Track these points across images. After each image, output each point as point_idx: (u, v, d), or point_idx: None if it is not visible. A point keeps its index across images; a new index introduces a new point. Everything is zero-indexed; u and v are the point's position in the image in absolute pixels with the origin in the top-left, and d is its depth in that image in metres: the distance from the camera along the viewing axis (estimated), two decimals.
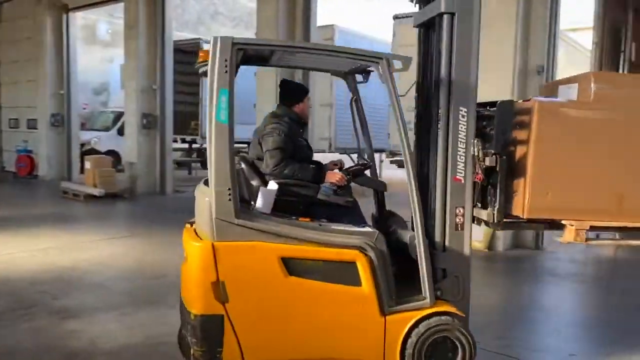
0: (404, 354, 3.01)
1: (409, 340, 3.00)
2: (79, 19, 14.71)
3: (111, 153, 13.88)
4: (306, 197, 3.39)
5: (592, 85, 3.38)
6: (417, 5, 3.57)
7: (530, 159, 3.29)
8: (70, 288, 5.11)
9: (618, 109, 3.38)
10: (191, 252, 3.01)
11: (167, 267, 5.78)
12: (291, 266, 2.94)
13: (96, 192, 10.54)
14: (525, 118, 3.32)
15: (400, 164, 11.68)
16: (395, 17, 11.00)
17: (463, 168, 3.18)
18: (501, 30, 6.87)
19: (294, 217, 3.08)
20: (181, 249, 3.22)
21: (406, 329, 3.01)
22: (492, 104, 3.44)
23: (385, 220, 3.65)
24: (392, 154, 11.39)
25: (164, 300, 4.70)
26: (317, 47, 3.41)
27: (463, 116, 3.17)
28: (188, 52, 14.79)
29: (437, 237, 3.18)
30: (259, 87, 9.50)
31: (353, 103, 3.88)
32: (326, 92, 12.29)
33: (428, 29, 3.50)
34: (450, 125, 3.15)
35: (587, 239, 3.32)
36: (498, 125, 3.32)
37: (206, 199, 2.93)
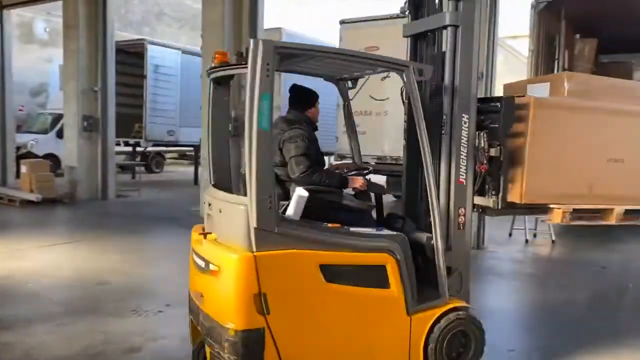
0: (427, 349, 3.13)
1: (432, 336, 3.13)
2: (14, 17, 14.07)
3: (50, 157, 13.34)
4: (332, 202, 3.34)
5: (566, 84, 3.90)
6: (409, 17, 3.77)
7: (527, 150, 3.62)
8: (4, 298, 4.87)
9: (587, 107, 3.89)
10: (228, 265, 2.78)
11: (109, 274, 5.62)
12: (328, 273, 2.89)
13: (33, 197, 10.10)
14: (523, 112, 3.59)
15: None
16: (342, 22, 11.09)
17: (465, 171, 3.36)
18: None
19: (324, 224, 3.03)
20: (126, 255, 3.13)
21: (429, 326, 3.13)
22: (493, 99, 3.69)
23: (393, 222, 3.64)
24: (341, 157, 11.46)
25: (105, 309, 4.56)
26: (354, 53, 3.39)
27: (465, 122, 3.34)
28: (131, 53, 14.46)
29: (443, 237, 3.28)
30: (206, 89, 9.37)
31: (344, 108, 4.02)
32: (276, 94, 12.22)
33: (417, 40, 3.70)
34: (453, 131, 3.31)
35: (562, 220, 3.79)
36: (503, 119, 3.53)
37: (241, 208, 2.79)
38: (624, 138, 4.07)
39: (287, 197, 3.13)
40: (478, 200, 3.66)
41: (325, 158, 16.13)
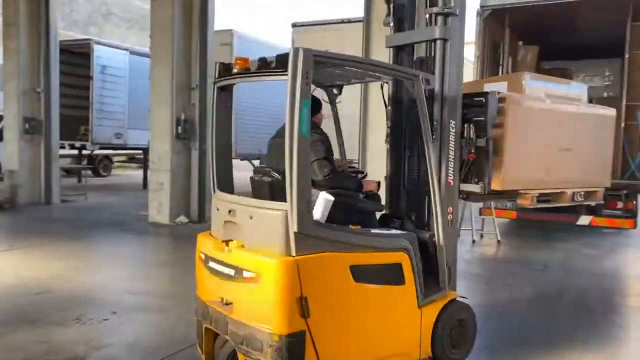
0: (434, 337, 3.41)
1: (439, 325, 3.42)
2: None
3: None
4: (350, 205, 3.43)
5: (524, 83, 4.55)
6: (391, 29, 3.99)
7: (506, 141, 4.09)
8: None
9: (544, 103, 4.51)
10: (270, 270, 2.80)
11: (51, 282, 5.41)
12: (356, 273, 3.02)
13: None
14: (501, 107, 4.02)
15: None
16: (294, 26, 11.10)
17: (452, 172, 3.59)
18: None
19: (348, 226, 3.16)
20: (70, 262, 3.03)
21: (436, 316, 3.42)
22: (478, 94, 4.04)
23: (389, 222, 3.83)
24: None
25: (46, 318, 4.39)
26: (377, 63, 3.58)
27: (452, 128, 3.59)
28: (77, 53, 14.02)
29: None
30: (154, 91, 9.19)
31: (333, 113, 4.16)
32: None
33: (399, 50, 3.93)
34: (443, 136, 3.53)
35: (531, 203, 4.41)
36: (489, 112, 3.90)
37: (279, 213, 2.83)
38: (571, 130, 4.72)
39: None
40: (464, 186, 3.97)
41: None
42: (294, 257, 2.79)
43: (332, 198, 3.07)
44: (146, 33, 10.29)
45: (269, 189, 3.19)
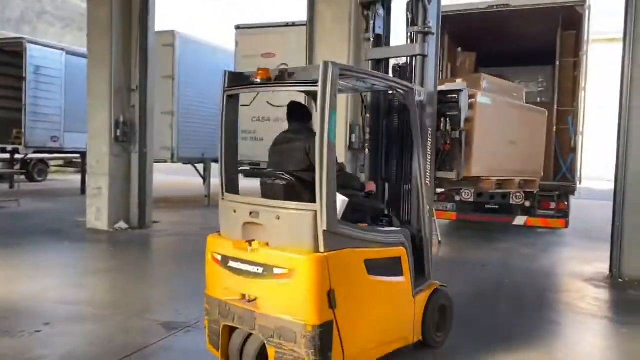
0: (424, 323, 3.85)
1: (428, 311, 3.87)
2: None
3: None
4: (356, 204, 3.63)
5: (482, 83, 5.37)
6: (370, 44, 4.37)
7: (475, 134, 4.70)
8: None
9: (500, 100, 5.35)
10: (303, 266, 3.04)
11: None
12: (369, 267, 3.34)
13: None
14: (472, 102, 4.63)
15: (246, 174, 11.62)
16: (238, 27, 11.02)
17: (429, 173, 4.00)
18: (335, 46, 7.26)
19: (358, 224, 3.46)
20: (0, 271, 2.85)
21: (425, 303, 3.86)
22: (452, 91, 4.48)
23: (377, 220, 4.07)
24: (239, 163, 11.34)
25: None
26: (383, 76, 3.94)
27: (429, 134, 4.00)
28: (8, 53, 13.35)
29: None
30: (92, 92, 8.88)
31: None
32: (167, 99, 11.89)
33: (377, 63, 4.37)
34: (421, 142, 3.90)
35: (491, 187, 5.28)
36: (462, 108, 4.37)
37: (308, 213, 3.08)
38: (516, 126, 5.61)
39: (314, 198, 3.20)
40: (440, 174, 4.42)
41: (213, 165, 15.88)
42: (323, 253, 3.06)
43: (346, 198, 3.33)
44: (84, 33, 9.90)
45: (284, 191, 3.44)
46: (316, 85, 3.06)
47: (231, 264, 3.34)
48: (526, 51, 9.41)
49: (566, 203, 8.45)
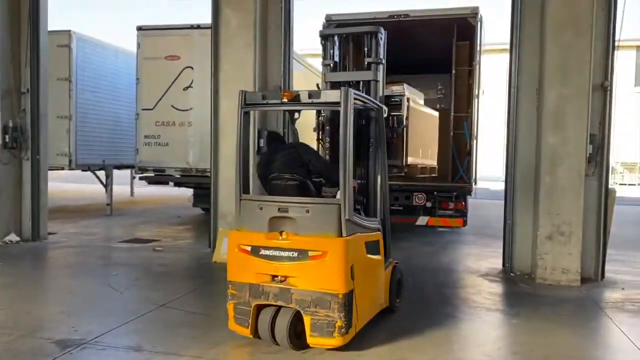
0: (391, 289, 4.93)
1: (392, 282, 4.97)
2: None
3: None
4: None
5: (405, 89, 7.05)
6: (329, 68, 5.48)
7: (410, 130, 6.77)
8: None
9: (417, 102, 7.51)
10: (335, 248, 3.92)
11: None
12: (366, 248, 4.34)
13: None
14: (408, 105, 6.64)
15: (150, 181, 11.25)
16: (140, 29, 10.62)
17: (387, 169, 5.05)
18: (241, 50, 7.22)
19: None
20: None
21: (390, 276, 4.94)
22: (395, 96, 6.22)
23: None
24: (142, 169, 10.90)
25: None
26: (367, 99, 4.66)
27: (384, 141, 4.93)
28: None
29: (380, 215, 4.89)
30: None
31: (288, 129, 5.47)
32: (64, 102, 11.23)
33: (333, 85, 5.24)
34: (379, 146, 4.85)
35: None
36: (403, 109, 6.10)
37: (335, 206, 4.00)
38: (424, 125, 7.63)
39: (319, 194, 4.51)
40: (389, 162, 5.40)
41: (127, 171, 15.13)
42: (346, 237, 3.96)
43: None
44: None
45: (297, 189, 4.29)
46: (338, 106, 3.99)
47: (263, 252, 4.06)
48: (426, 60, 9.89)
49: (464, 203, 8.94)
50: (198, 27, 10.07)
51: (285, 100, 4.19)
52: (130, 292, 5.93)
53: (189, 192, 11.62)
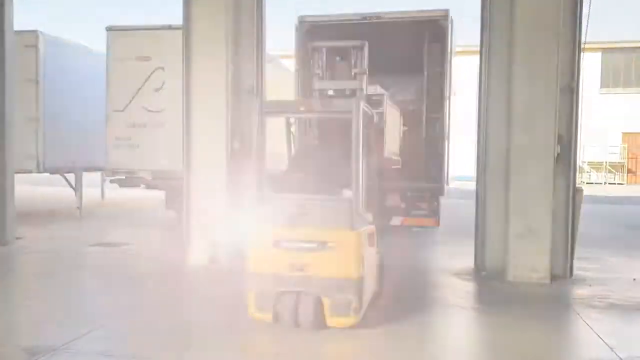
0: (379, 277, 5.47)
1: (380, 268, 5.55)
2: None
3: None
4: None
5: (377, 89, 7.25)
6: (318, 77, 5.78)
7: (387, 125, 7.04)
8: None
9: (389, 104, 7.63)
10: (349, 239, 4.42)
11: None
12: (367, 239, 4.75)
13: None
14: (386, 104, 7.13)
15: (121, 184, 11.07)
16: (110, 29, 10.44)
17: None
18: (213, 51, 7.16)
19: None
20: None
21: (379, 259, 5.50)
22: (377, 95, 6.74)
23: None
24: (113, 172, 10.72)
25: None
26: (369, 107, 5.30)
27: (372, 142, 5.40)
28: None
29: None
30: None
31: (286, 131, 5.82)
32: (31, 104, 10.97)
33: (320, 92, 5.65)
34: (370, 146, 5.30)
35: None
36: (384, 107, 6.73)
37: (348, 201, 4.51)
38: (394, 123, 8.00)
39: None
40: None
41: (97, 174, 14.83)
42: (356, 230, 4.45)
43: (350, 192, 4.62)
44: None
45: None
46: (350, 113, 4.53)
47: (285, 244, 4.50)
48: (400, 61, 9.95)
49: (436, 203, 9.05)
50: (169, 27, 9.95)
51: (302, 108, 5.15)
52: (101, 297, 5.82)
53: (162, 194, 11.47)
